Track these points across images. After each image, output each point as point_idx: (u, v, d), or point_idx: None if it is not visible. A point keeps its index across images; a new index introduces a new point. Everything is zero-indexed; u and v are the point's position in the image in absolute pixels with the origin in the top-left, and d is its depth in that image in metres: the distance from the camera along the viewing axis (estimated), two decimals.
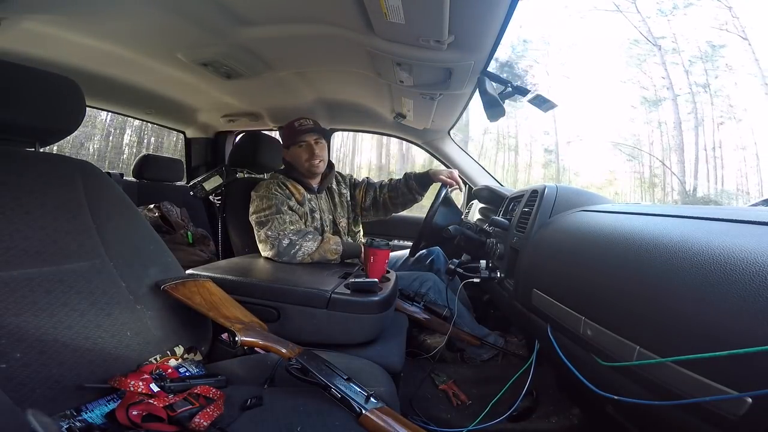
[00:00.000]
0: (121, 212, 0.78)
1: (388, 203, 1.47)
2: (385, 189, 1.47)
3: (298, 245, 1.18)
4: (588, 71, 13.26)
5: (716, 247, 0.45)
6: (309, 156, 1.33)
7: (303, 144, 1.33)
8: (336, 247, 1.22)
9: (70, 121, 0.75)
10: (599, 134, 10.76)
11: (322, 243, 1.21)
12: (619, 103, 12.89)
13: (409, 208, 1.55)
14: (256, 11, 1.02)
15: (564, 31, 14.48)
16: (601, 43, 14.58)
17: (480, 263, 1.17)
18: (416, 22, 0.87)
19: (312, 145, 1.33)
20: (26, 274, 0.57)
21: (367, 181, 1.52)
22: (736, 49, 9.08)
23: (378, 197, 1.48)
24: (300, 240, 1.18)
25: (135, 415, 0.52)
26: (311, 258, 1.19)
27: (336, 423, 0.58)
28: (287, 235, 1.18)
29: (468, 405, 1.12)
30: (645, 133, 10.28)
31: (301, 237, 1.19)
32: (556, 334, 0.72)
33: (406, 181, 1.44)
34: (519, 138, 10.96)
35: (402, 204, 1.47)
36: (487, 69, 1.12)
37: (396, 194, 1.45)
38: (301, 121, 1.35)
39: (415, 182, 1.42)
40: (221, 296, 0.82)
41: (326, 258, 1.21)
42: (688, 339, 0.42)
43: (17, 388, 0.50)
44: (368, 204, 1.49)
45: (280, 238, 1.17)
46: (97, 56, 1.27)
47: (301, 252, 1.18)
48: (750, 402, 0.35)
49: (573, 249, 0.74)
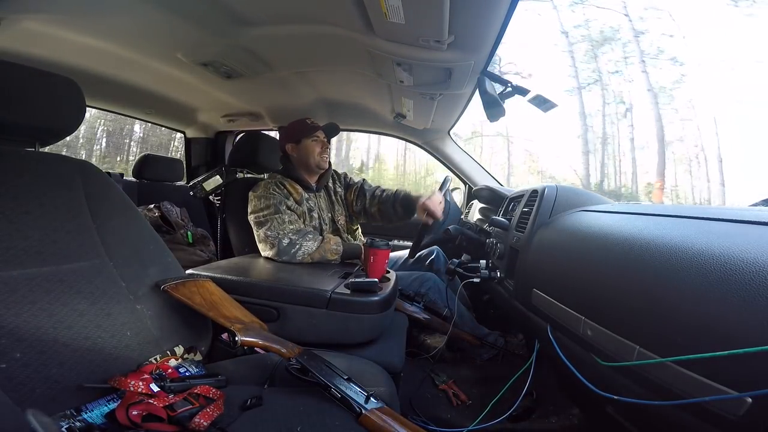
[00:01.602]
0: (121, 212, 0.78)
1: (377, 216, 1.46)
2: (376, 201, 1.45)
3: (298, 245, 1.18)
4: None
5: (716, 247, 0.45)
6: (321, 150, 1.37)
7: (317, 138, 1.37)
8: (336, 247, 1.22)
9: (70, 121, 0.75)
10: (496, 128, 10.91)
11: (322, 243, 1.21)
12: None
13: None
14: (256, 11, 1.02)
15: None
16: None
17: (480, 263, 1.17)
18: (416, 22, 0.87)
19: (324, 141, 1.38)
20: (26, 274, 0.57)
21: (361, 185, 1.50)
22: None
23: (368, 207, 1.46)
24: (300, 239, 1.18)
25: (135, 415, 0.52)
26: (311, 258, 1.19)
27: (336, 423, 0.58)
28: (287, 234, 1.18)
29: (468, 405, 1.12)
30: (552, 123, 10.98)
31: (301, 236, 1.19)
32: (556, 334, 0.72)
33: (394, 202, 1.41)
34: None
35: (390, 221, 1.45)
36: (487, 69, 1.12)
37: (385, 209, 1.43)
38: (311, 120, 1.40)
39: (402, 207, 1.39)
40: (221, 296, 0.82)
41: (326, 258, 1.21)
42: (688, 339, 0.42)
43: (17, 388, 0.50)
44: (358, 209, 1.48)
45: (280, 238, 1.17)
46: (97, 56, 1.27)
47: (301, 251, 1.18)
48: (750, 402, 0.35)
49: (573, 249, 0.74)
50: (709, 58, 10.53)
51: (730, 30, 10.19)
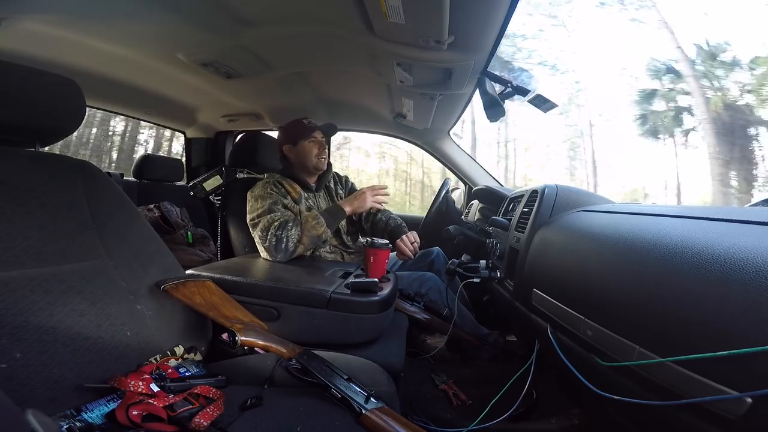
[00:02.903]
0: (121, 212, 0.78)
1: (368, 231, 1.48)
2: (370, 219, 1.47)
3: (285, 238, 1.15)
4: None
5: (716, 247, 0.45)
6: (319, 151, 1.35)
7: (314, 139, 1.35)
8: (316, 221, 1.20)
9: (70, 121, 0.75)
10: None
11: (303, 225, 1.19)
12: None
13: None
14: (256, 11, 1.02)
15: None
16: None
17: (480, 263, 1.17)
18: (416, 22, 0.87)
19: (321, 142, 1.37)
20: (26, 274, 0.57)
21: None
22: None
23: (363, 222, 1.48)
24: (284, 233, 1.16)
25: (135, 415, 0.52)
26: (303, 245, 1.17)
27: (336, 423, 0.58)
28: (274, 233, 1.16)
29: (468, 405, 1.12)
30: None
31: (282, 228, 1.17)
32: (556, 334, 0.72)
33: (384, 229, 1.41)
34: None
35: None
36: (487, 69, 1.12)
37: (375, 231, 1.45)
38: (309, 119, 1.39)
39: (389, 237, 1.38)
40: (221, 296, 0.82)
41: (316, 235, 1.19)
42: (688, 339, 0.42)
43: (17, 388, 0.50)
44: (355, 218, 1.48)
45: (269, 239, 1.16)
46: (97, 56, 1.27)
47: (290, 243, 1.16)
48: (750, 402, 0.35)
49: (573, 249, 0.74)
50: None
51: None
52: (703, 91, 11.28)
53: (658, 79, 12.11)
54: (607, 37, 13.14)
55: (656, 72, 12.10)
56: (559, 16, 13.48)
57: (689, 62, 11.42)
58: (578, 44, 13.30)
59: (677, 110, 11.99)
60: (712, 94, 11.26)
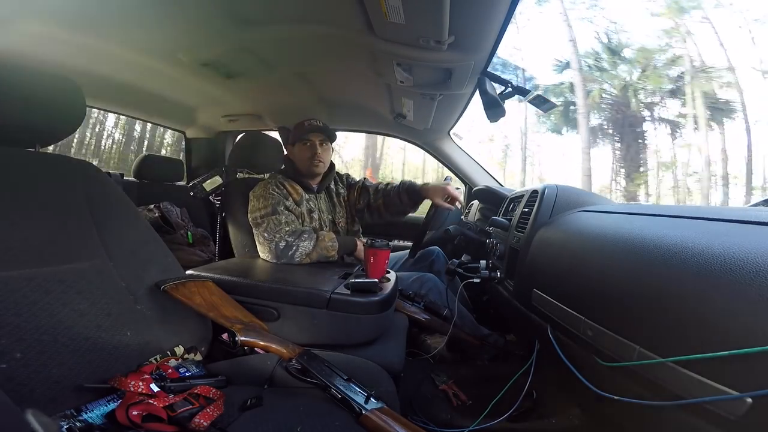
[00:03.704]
0: (121, 212, 0.78)
1: (382, 209, 1.43)
2: (380, 194, 1.43)
3: (295, 246, 1.17)
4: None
5: (717, 247, 0.45)
6: (311, 155, 1.32)
7: (308, 142, 1.33)
8: (332, 243, 1.21)
9: (70, 121, 0.75)
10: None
11: (318, 241, 1.20)
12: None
13: (403, 218, 1.50)
14: (256, 11, 1.02)
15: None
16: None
17: (480, 263, 1.17)
18: (416, 23, 0.87)
19: (316, 145, 1.33)
20: (26, 274, 0.57)
21: (363, 183, 1.49)
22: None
23: (372, 202, 1.44)
24: (296, 241, 1.18)
25: (135, 415, 0.52)
26: (309, 258, 1.19)
27: (336, 423, 0.58)
28: (283, 237, 1.17)
29: (468, 405, 1.12)
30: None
31: (296, 237, 1.18)
32: (556, 334, 0.72)
33: (398, 192, 1.39)
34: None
35: (394, 213, 1.43)
36: (487, 69, 1.12)
37: (388, 202, 1.41)
38: (311, 120, 1.35)
39: (407, 196, 1.37)
40: (221, 296, 0.82)
41: (324, 255, 1.20)
42: (688, 339, 0.42)
43: (17, 388, 0.50)
44: (362, 206, 1.46)
45: (276, 241, 1.17)
46: (97, 56, 1.27)
47: (298, 253, 1.17)
48: (750, 402, 0.35)
49: (573, 249, 0.74)
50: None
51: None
52: (585, 84, 11.89)
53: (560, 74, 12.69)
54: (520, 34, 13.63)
55: (559, 67, 12.71)
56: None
57: (577, 56, 11.98)
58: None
59: (566, 104, 12.64)
60: (593, 88, 11.92)
